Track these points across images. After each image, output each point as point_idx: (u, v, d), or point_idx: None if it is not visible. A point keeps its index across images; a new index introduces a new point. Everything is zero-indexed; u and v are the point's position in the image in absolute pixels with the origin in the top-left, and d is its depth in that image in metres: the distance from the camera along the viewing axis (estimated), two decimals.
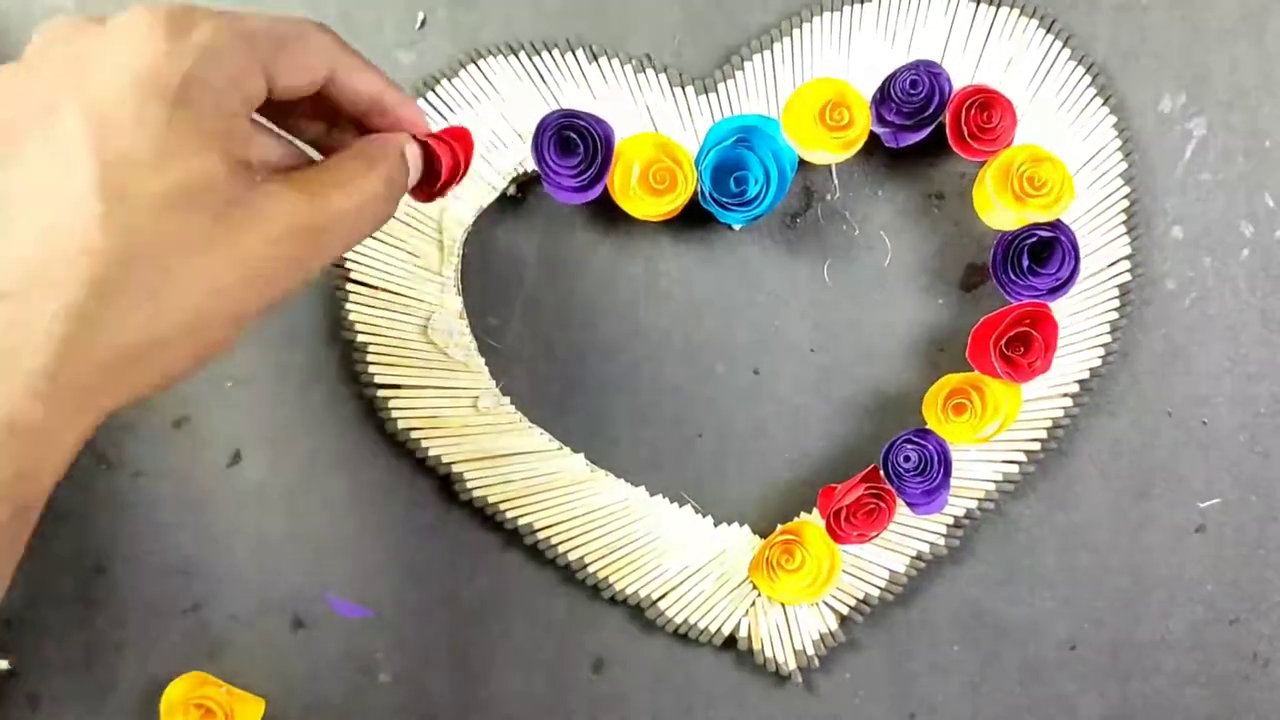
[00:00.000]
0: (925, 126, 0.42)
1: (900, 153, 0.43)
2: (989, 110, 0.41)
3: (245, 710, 0.45)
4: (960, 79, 0.42)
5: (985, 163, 0.42)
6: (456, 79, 0.43)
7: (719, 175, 0.41)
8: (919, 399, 0.43)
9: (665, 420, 0.45)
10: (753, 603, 0.45)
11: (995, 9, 0.43)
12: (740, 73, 0.43)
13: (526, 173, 0.43)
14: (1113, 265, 0.43)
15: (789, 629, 0.44)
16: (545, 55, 0.43)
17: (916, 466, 0.42)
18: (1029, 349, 0.41)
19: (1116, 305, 0.43)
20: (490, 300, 0.45)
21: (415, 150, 0.32)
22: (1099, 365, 0.44)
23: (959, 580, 0.45)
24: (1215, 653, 0.45)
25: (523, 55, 0.43)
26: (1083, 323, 0.43)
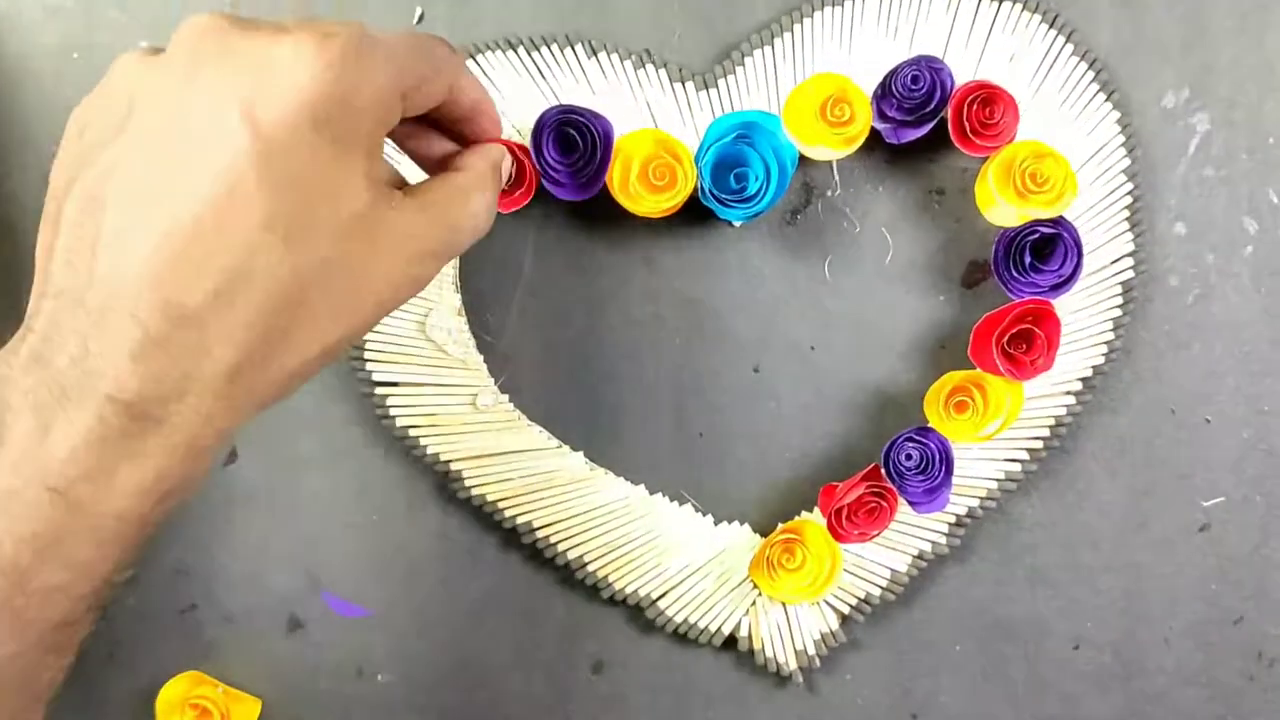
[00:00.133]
0: (927, 122, 0.41)
1: (902, 149, 0.43)
2: (991, 106, 0.41)
3: (241, 710, 0.44)
4: (962, 74, 0.42)
5: (987, 159, 0.42)
6: None
7: (719, 172, 0.41)
8: (920, 397, 0.43)
9: (665, 418, 0.45)
10: (753, 602, 0.45)
11: (997, 4, 0.43)
12: (741, 68, 0.43)
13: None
14: (1115, 262, 0.43)
15: (790, 629, 0.44)
16: (544, 50, 0.43)
17: (918, 465, 0.42)
18: (1031, 346, 0.41)
19: (1119, 302, 0.43)
20: (488, 297, 0.45)
21: (509, 162, 0.33)
22: (1102, 363, 0.43)
23: (961, 580, 0.45)
24: (1219, 653, 0.45)
25: (521, 50, 0.43)
26: (1085, 320, 0.43)
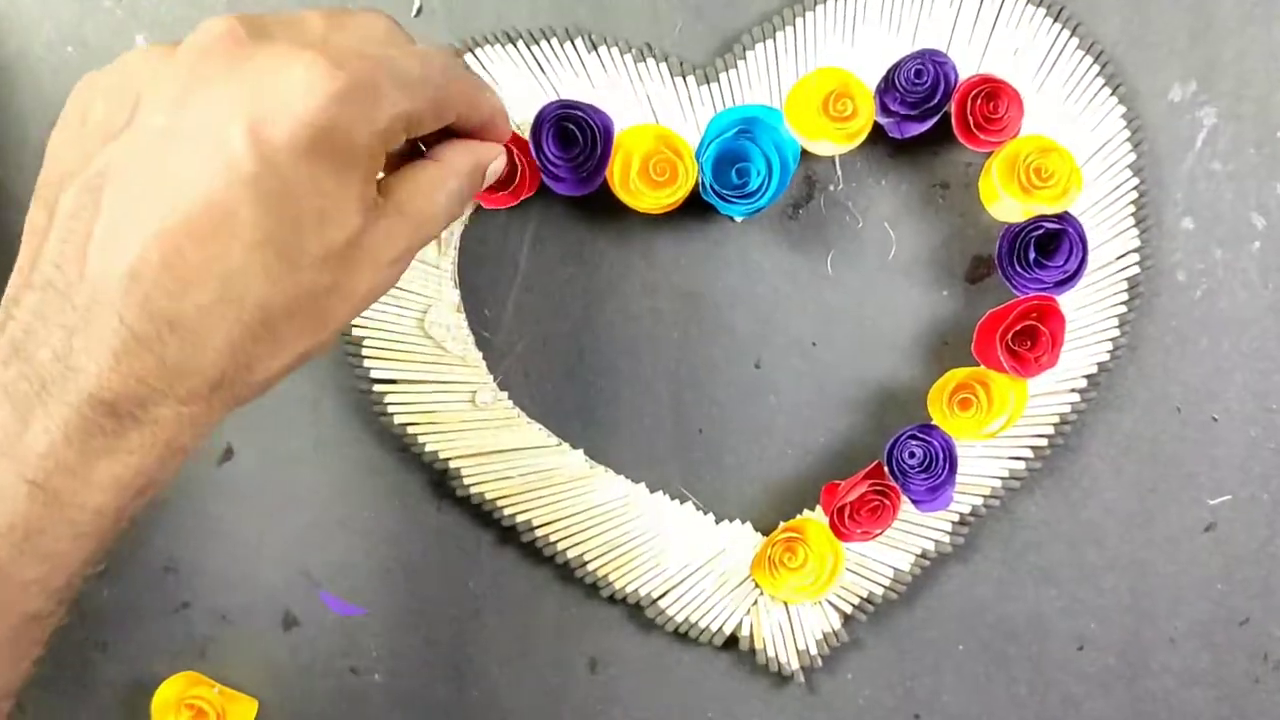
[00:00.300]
0: (930, 117, 0.41)
1: (905, 143, 0.43)
2: (995, 100, 0.40)
3: (237, 710, 0.44)
4: (966, 68, 0.42)
5: (991, 153, 0.41)
6: None
7: (720, 167, 0.41)
8: (923, 394, 0.42)
9: (665, 415, 0.45)
10: (754, 601, 0.44)
11: None
12: (742, 62, 0.43)
13: None
14: (1121, 257, 0.43)
15: (791, 628, 0.44)
16: (543, 44, 0.43)
17: (921, 463, 0.41)
18: (1036, 343, 0.41)
19: (1125, 298, 0.43)
20: (487, 294, 0.44)
21: (500, 164, 0.34)
22: (1107, 360, 0.43)
23: (964, 579, 0.45)
24: (1225, 653, 0.45)
25: (520, 44, 0.43)
26: (1090, 316, 0.43)
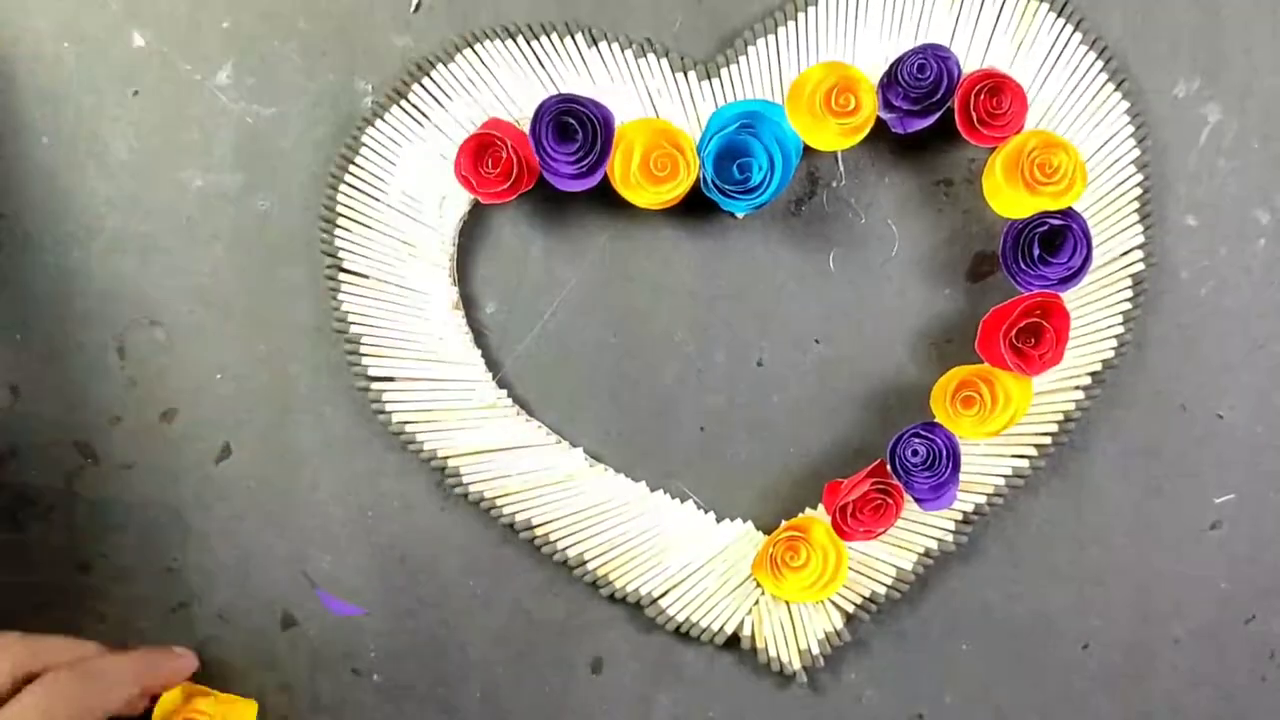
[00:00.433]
0: (933, 112, 0.41)
1: (907, 139, 0.43)
2: (999, 95, 0.40)
3: (237, 714, 0.44)
4: (969, 63, 0.42)
5: (995, 149, 0.41)
6: (452, 64, 0.43)
7: (722, 162, 0.41)
8: (927, 392, 0.42)
9: (666, 414, 0.44)
10: (756, 601, 0.44)
11: None
12: (744, 57, 0.42)
13: None
14: (1125, 254, 0.43)
15: (794, 628, 0.44)
16: (543, 39, 0.42)
17: (924, 461, 0.41)
18: (1040, 340, 0.41)
19: (1129, 295, 0.43)
20: (486, 290, 0.44)
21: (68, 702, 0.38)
22: (1111, 357, 0.43)
23: (968, 578, 0.45)
24: (1230, 652, 0.45)
25: (520, 39, 0.42)
26: (1095, 313, 0.43)
